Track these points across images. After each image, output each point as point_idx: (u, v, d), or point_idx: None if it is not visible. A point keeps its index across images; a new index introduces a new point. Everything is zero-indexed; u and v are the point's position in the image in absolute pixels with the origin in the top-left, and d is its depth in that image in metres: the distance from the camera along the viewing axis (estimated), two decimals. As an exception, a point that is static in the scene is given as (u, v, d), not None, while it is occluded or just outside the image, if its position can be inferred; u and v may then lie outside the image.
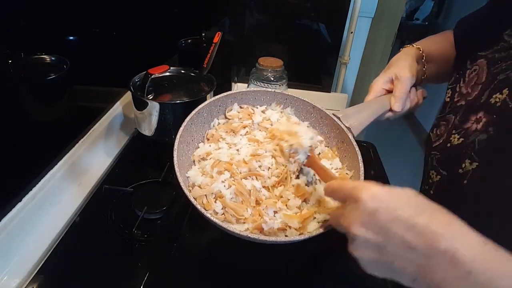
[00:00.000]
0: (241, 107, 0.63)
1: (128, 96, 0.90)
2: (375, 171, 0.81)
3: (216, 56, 0.81)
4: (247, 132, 0.60)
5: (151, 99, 0.74)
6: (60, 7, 0.64)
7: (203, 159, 0.55)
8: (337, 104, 1.10)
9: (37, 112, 0.64)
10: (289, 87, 0.96)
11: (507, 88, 0.45)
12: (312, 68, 1.15)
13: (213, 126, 0.61)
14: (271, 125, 0.61)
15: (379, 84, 0.61)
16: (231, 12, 1.06)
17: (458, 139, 0.50)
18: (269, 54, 0.91)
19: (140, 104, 0.73)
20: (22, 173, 0.59)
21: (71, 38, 0.70)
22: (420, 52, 0.64)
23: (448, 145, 0.52)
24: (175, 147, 0.50)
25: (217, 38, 0.82)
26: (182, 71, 0.83)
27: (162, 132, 0.76)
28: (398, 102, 0.58)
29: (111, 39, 0.85)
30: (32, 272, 0.52)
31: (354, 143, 0.56)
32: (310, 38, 1.12)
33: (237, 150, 0.56)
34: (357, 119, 0.58)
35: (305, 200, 0.52)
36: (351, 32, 1.10)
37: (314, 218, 0.50)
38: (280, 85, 0.90)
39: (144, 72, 0.74)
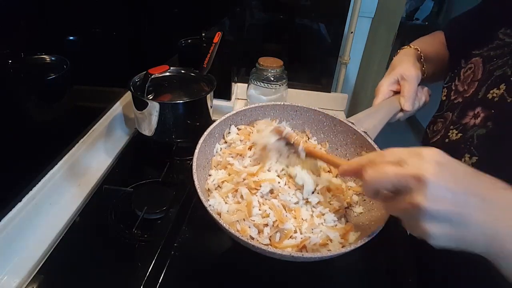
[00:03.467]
0: (238, 129, 0.62)
1: (128, 96, 0.90)
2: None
3: (216, 56, 0.81)
4: (254, 153, 0.58)
5: (151, 99, 0.74)
6: (60, 7, 0.64)
7: (219, 186, 0.54)
8: (337, 104, 1.10)
9: (37, 112, 0.64)
10: (289, 87, 0.96)
11: (504, 84, 0.46)
12: (312, 68, 1.15)
13: (216, 152, 0.60)
14: None
15: (385, 86, 0.61)
16: (231, 12, 1.06)
17: (457, 134, 0.50)
18: (269, 54, 0.91)
19: (140, 104, 0.73)
20: (22, 173, 0.59)
21: (71, 38, 0.70)
22: (418, 52, 0.64)
23: (446, 140, 0.52)
24: (194, 170, 0.49)
25: (217, 38, 0.82)
26: (182, 71, 0.83)
27: (162, 132, 0.76)
28: (408, 101, 0.58)
29: (111, 39, 0.85)
30: (32, 272, 0.52)
31: (375, 145, 0.54)
32: (310, 38, 1.11)
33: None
34: (370, 123, 0.57)
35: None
36: (351, 32, 1.10)
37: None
38: (280, 85, 0.90)
39: (144, 72, 0.74)
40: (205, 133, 0.55)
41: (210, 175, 0.56)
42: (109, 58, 0.83)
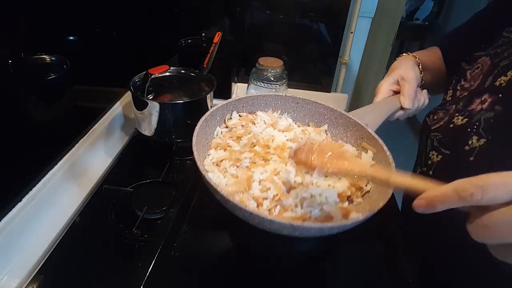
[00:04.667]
0: (240, 115, 0.63)
1: (128, 96, 0.90)
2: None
3: (216, 56, 0.81)
4: (253, 143, 0.58)
5: (151, 99, 0.74)
6: (60, 7, 0.64)
7: (217, 164, 0.55)
8: (337, 104, 1.10)
9: (37, 112, 0.64)
10: (289, 87, 0.96)
11: (511, 71, 0.46)
12: (312, 68, 1.15)
13: (216, 135, 0.60)
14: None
15: (385, 85, 0.61)
16: (231, 12, 1.06)
17: (462, 119, 0.51)
18: (269, 54, 0.91)
19: (140, 104, 0.73)
20: (22, 173, 0.59)
21: (71, 38, 0.70)
22: (416, 59, 0.66)
23: (451, 125, 0.52)
24: (194, 143, 0.49)
25: (217, 38, 0.82)
26: (182, 71, 0.83)
27: (162, 132, 0.76)
28: (408, 99, 0.59)
29: (111, 39, 0.85)
30: (32, 272, 0.52)
31: (376, 136, 0.55)
32: (310, 38, 1.12)
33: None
34: (370, 118, 0.59)
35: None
36: (351, 32, 1.10)
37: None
38: (280, 85, 0.89)
39: (144, 72, 0.74)
40: (207, 113, 0.56)
41: (209, 155, 0.57)
42: (109, 58, 0.83)
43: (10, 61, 0.54)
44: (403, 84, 0.60)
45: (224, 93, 0.96)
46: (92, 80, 0.78)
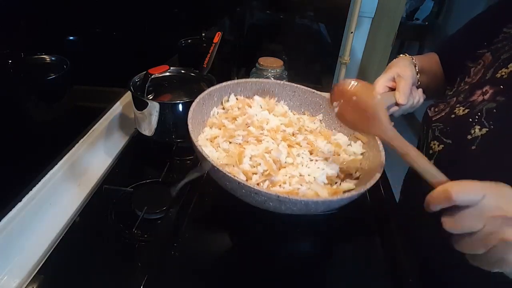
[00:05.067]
0: (237, 98, 0.64)
1: (128, 96, 0.90)
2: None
3: (216, 56, 0.81)
4: (247, 124, 0.60)
5: (151, 99, 0.74)
6: (60, 7, 0.64)
7: (211, 141, 0.56)
8: (337, 104, 1.10)
9: (37, 112, 0.64)
10: (289, 87, 0.96)
11: None
12: (312, 68, 1.15)
13: (212, 115, 0.61)
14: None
15: (382, 81, 0.62)
16: (231, 12, 1.06)
17: (464, 110, 0.52)
18: (269, 54, 0.91)
19: (140, 104, 0.73)
20: (22, 173, 0.59)
21: (71, 38, 0.70)
22: (413, 60, 0.67)
23: (453, 116, 0.54)
24: (189, 121, 0.50)
25: (217, 38, 0.82)
26: (182, 71, 0.83)
27: (162, 132, 0.76)
28: (403, 95, 0.59)
29: (111, 39, 0.85)
30: (32, 272, 0.52)
31: None
32: (310, 38, 1.12)
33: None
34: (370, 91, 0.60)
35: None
36: (351, 32, 1.10)
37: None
38: (280, 85, 0.89)
39: (144, 72, 0.74)
40: (205, 92, 0.57)
41: (203, 132, 0.58)
42: (109, 58, 0.83)
43: (10, 61, 0.54)
44: (399, 81, 0.60)
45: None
46: (92, 80, 0.78)
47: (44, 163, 0.63)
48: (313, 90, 0.65)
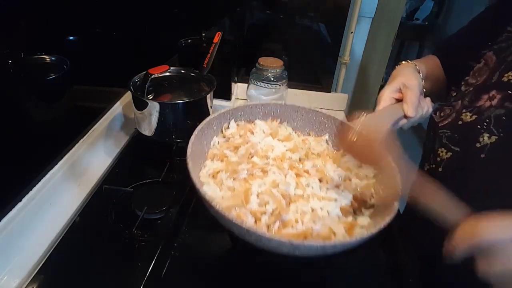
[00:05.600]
0: (237, 124, 0.62)
1: (128, 96, 0.90)
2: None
3: (216, 56, 0.81)
4: (251, 154, 0.57)
5: (151, 99, 0.74)
6: (60, 7, 0.64)
7: (213, 176, 0.53)
8: (337, 104, 1.10)
9: (37, 112, 0.64)
10: (289, 87, 0.96)
11: None
12: (312, 68, 1.15)
13: (213, 145, 0.59)
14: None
15: (387, 93, 0.60)
16: (231, 12, 1.06)
17: (471, 116, 0.52)
18: (269, 54, 0.91)
19: (140, 104, 0.73)
20: (22, 173, 0.59)
21: (71, 38, 0.70)
22: (417, 67, 0.65)
23: (460, 122, 0.53)
24: (189, 158, 0.48)
25: (217, 38, 0.82)
26: (182, 71, 0.83)
27: (162, 132, 0.76)
28: (411, 107, 0.57)
29: (111, 39, 0.85)
30: (32, 272, 0.52)
31: None
32: (310, 38, 1.12)
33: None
34: (374, 127, 0.57)
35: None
36: (351, 32, 1.10)
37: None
38: (280, 85, 0.89)
39: (144, 72, 0.74)
40: (204, 122, 0.54)
41: (205, 166, 0.55)
42: (109, 58, 0.83)
43: (10, 61, 0.54)
44: (406, 92, 0.59)
45: (224, 93, 0.96)
46: (92, 80, 0.78)
47: (44, 163, 0.63)
48: (316, 109, 0.62)
